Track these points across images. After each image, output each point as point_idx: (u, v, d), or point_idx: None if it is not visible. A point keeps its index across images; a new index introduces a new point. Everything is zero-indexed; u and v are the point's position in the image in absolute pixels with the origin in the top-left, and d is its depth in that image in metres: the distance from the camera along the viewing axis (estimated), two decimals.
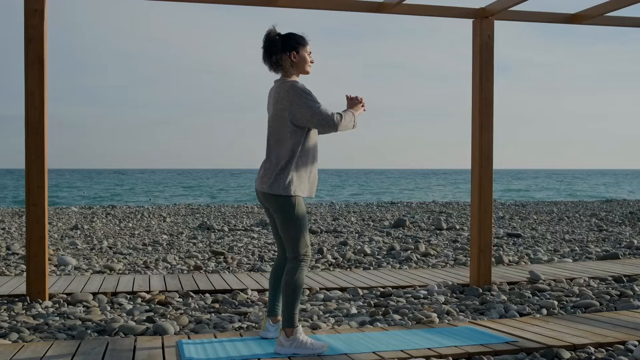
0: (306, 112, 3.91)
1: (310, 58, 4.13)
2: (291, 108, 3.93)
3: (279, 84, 4.05)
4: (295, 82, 4.00)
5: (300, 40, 4.09)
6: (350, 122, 4.06)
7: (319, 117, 3.91)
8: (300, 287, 3.97)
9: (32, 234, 5.91)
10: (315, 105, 3.92)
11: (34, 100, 5.89)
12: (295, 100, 3.92)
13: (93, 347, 4.18)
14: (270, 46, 4.03)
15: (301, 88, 3.97)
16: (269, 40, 4.04)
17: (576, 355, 3.97)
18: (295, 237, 3.99)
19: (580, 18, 6.97)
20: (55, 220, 16.73)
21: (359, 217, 18.35)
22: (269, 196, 3.99)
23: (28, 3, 5.88)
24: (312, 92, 3.99)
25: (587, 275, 7.42)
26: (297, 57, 4.06)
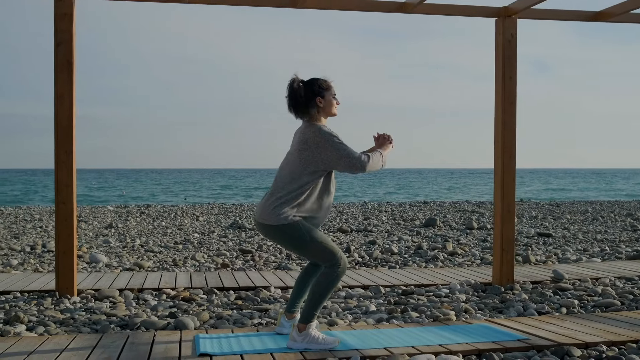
0: (333, 154, 3.95)
1: (335, 100, 4.17)
2: (318, 151, 3.96)
3: (306, 126, 4.08)
4: (322, 126, 4.05)
5: (324, 85, 4.13)
6: (378, 162, 4.08)
7: (347, 160, 3.95)
8: (329, 292, 4.01)
9: (61, 231, 6.09)
10: (342, 147, 3.96)
11: (63, 102, 6.07)
12: (322, 144, 3.96)
13: (113, 340, 4.32)
14: (295, 95, 4.07)
15: (328, 132, 4.01)
16: (293, 90, 4.08)
17: (587, 353, 3.97)
18: (319, 253, 4.00)
19: (605, 16, 6.92)
20: (91, 219, 17.10)
21: (391, 216, 18.36)
22: (269, 227, 3.99)
23: (58, 7, 6.06)
24: (338, 134, 4.03)
25: (614, 275, 7.36)
26: (323, 101, 4.11)
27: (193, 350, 4.03)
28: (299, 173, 4.01)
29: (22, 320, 5.11)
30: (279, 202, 3.98)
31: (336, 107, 4.19)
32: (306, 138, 4.02)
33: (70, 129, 6.09)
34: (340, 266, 4.01)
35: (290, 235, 3.98)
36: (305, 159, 4.00)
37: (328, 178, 4.11)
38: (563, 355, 3.92)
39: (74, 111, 6.12)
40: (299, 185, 4.00)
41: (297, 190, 4.00)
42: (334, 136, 4.00)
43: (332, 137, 3.99)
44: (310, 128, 4.05)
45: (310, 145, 3.99)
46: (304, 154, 4.01)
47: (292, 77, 4.11)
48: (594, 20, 7.00)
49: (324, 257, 4.01)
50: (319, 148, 3.97)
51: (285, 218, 3.95)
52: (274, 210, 3.98)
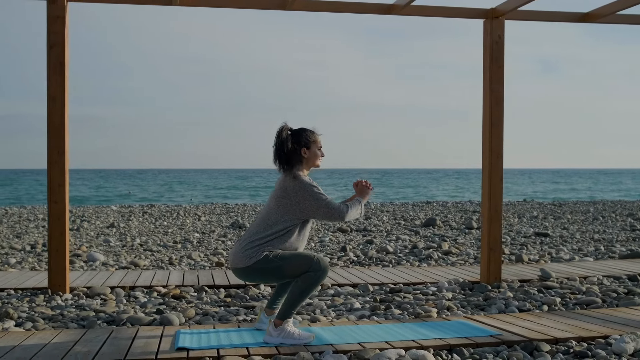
0: (312, 204, 4.06)
1: (320, 152, 4.29)
2: (296, 199, 4.07)
3: (286, 175, 4.18)
4: (302, 176, 4.16)
5: (311, 137, 4.25)
6: (357, 211, 4.19)
7: (325, 209, 4.06)
8: (309, 292, 4.11)
9: (54, 230, 6.21)
10: (321, 197, 4.07)
11: (55, 103, 6.19)
12: (300, 193, 4.07)
13: (97, 335, 4.43)
14: (282, 145, 4.17)
15: (308, 182, 4.12)
16: (280, 140, 4.18)
17: (555, 348, 4.05)
18: (296, 269, 4.08)
19: (593, 17, 6.98)
20: (94, 219, 17.26)
21: (392, 216, 18.44)
22: (243, 270, 4.10)
23: (50, 10, 6.18)
24: (318, 185, 4.15)
25: (602, 274, 7.42)
26: (308, 152, 4.22)
27: (172, 345, 4.13)
28: (275, 220, 4.12)
29: (12, 316, 5.23)
30: (250, 246, 4.09)
31: (320, 159, 4.31)
32: (286, 186, 4.13)
33: (63, 129, 6.20)
34: (319, 269, 4.10)
35: (263, 269, 4.08)
36: (283, 206, 4.11)
37: (304, 226, 4.21)
38: (532, 350, 4.01)
39: (66, 112, 6.24)
40: (273, 231, 4.10)
41: (270, 235, 4.10)
42: (313, 186, 4.11)
43: (311, 187, 4.10)
44: (290, 177, 4.15)
45: (289, 194, 4.10)
46: (282, 201, 4.12)
47: (281, 125, 4.23)
48: (582, 21, 7.06)
49: (303, 269, 4.09)
50: (297, 197, 4.08)
51: (255, 256, 4.05)
52: (244, 253, 4.09)
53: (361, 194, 4.35)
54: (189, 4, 6.35)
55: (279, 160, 4.20)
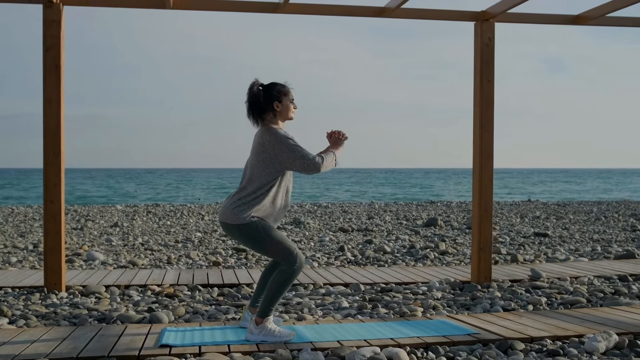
0: (289, 156, 4.16)
1: (293, 105, 4.39)
2: (273, 152, 4.17)
3: (263, 130, 4.28)
4: (278, 129, 4.26)
5: (282, 90, 4.35)
6: (331, 162, 4.29)
7: (301, 161, 4.16)
8: (285, 288, 4.22)
9: (49, 229, 6.34)
10: (297, 149, 4.17)
11: (51, 105, 6.32)
12: (277, 146, 4.17)
13: (85, 332, 4.55)
14: (254, 100, 4.28)
15: (284, 134, 4.22)
16: (252, 93, 4.29)
17: (529, 347, 4.14)
18: (275, 251, 4.21)
19: (583, 19, 7.05)
20: (98, 218, 17.43)
21: (394, 216, 18.52)
22: (230, 227, 4.23)
23: (46, 14, 6.31)
24: (293, 137, 4.24)
25: (594, 274, 7.48)
26: (281, 106, 4.32)
27: (156, 342, 4.24)
28: (257, 174, 4.22)
29: (6, 314, 5.36)
30: (239, 204, 4.20)
31: (293, 111, 4.40)
32: (263, 141, 4.23)
33: (59, 130, 6.33)
34: (296, 264, 4.21)
35: (249, 235, 4.19)
36: (262, 161, 4.21)
37: (284, 179, 4.31)
38: (506, 349, 4.10)
39: (62, 113, 6.37)
40: (258, 186, 4.20)
41: (255, 191, 4.20)
42: (289, 138, 4.21)
43: (287, 139, 4.19)
44: (267, 131, 4.25)
45: (266, 148, 4.20)
46: (261, 156, 4.22)
47: (252, 81, 4.32)
48: (572, 24, 7.13)
49: (281, 255, 4.21)
50: (274, 150, 4.18)
51: (244, 218, 4.16)
52: (233, 211, 4.19)
53: (335, 145, 4.45)
54: (181, 7, 6.46)
55: (252, 115, 4.30)
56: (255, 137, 4.38)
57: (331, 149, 4.42)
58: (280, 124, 4.36)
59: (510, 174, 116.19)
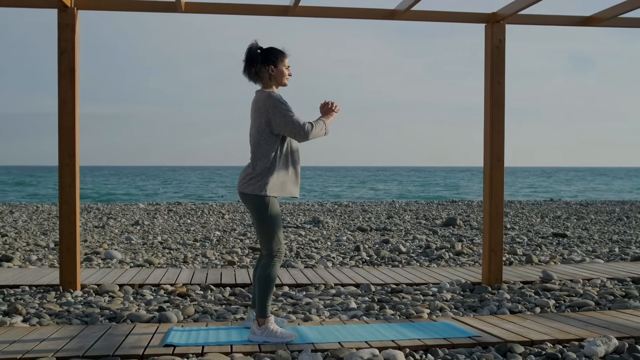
0: (280, 121, 4.26)
1: (288, 71, 4.47)
2: (267, 116, 4.28)
3: (258, 94, 4.41)
4: (271, 92, 4.36)
5: (279, 55, 4.43)
6: (321, 130, 4.39)
7: (292, 127, 4.25)
8: (272, 281, 4.32)
9: (64, 229, 6.48)
10: (289, 114, 4.26)
11: (66, 107, 6.45)
12: (270, 110, 4.27)
13: (94, 331, 4.66)
14: (251, 59, 4.39)
15: (277, 98, 4.31)
16: (250, 54, 4.40)
17: (529, 350, 4.16)
18: (268, 235, 4.34)
19: (595, 21, 7.02)
20: (120, 216, 17.65)
21: (414, 215, 18.51)
22: (245, 196, 4.37)
23: (61, 18, 6.44)
24: (287, 102, 4.33)
25: (607, 276, 7.45)
26: (275, 70, 4.41)
27: (162, 342, 4.33)
28: (260, 146, 4.33)
29: (21, 312, 5.50)
30: (253, 174, 4.32)
31: (287, 78, 4.48)
32: (259, 106, 4.34)
33: (73, 132, 6.46)
34: (277, 257, 4.35)
35: (256, 206, 4.32)
36: (259, 126, 4.32)
37: (286, 144, 4.39)
38: (506, 352, 4.12)
39: (76, 116, 6.50)
40: (263, 154, 4.31)
41: (264, 163, 4.30)
42: (282, 103, 4.30)
43: (280, 103, 4.29)
44: (262, 95, 4.36)
45: (262, 113, 4.31)
46: (257, 121, 4.34)
47: (251, 43, 4.43)
48: (584, 25, 7.10)
49: (269, 243, 4.35)
50: (268, 114, 4.28)
51: (259, 189, 4.29)
52: (250, 181, 4.33)
53: (326, 114, 4.53)
54: (192, 11, 6.55)
55: (248, 73, 4.41)
56: (252, 104, 4.47)
57: (322, 118, 4.50)
58: (275, 89, 4.46)
59: (535, 172, 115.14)
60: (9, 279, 7.08)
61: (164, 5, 6.54)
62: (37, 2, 6.43)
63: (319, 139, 4.44)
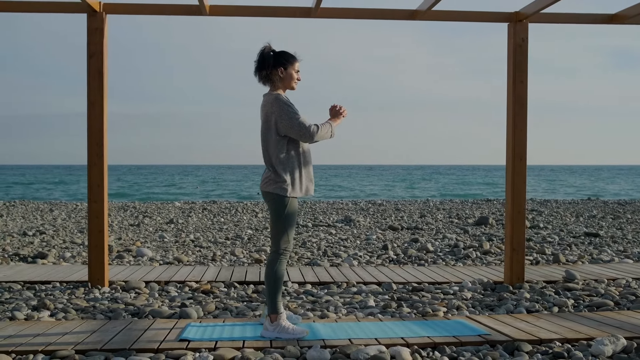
0: (287, 122, 4.38)
1: (297, 76, 4.59)
2: (275, 118, 4.40)
3: (266, 97, 4.53)
4: (279, 95, 4.48)
5: (290, 59, 4.56)
6: (327, 133, 4.50)
7: (297, 128, 4.37)
8: (280, 278, 4.44)
9: (92, 227, 6.68)
10: (295, 116, 4.38)
11: (95, 108, 6.65)
12: (277, 111, 4.39)
13: (114, 325, 4.82)
14: (263, 61, 4.52)
15: (284, 100, 4.43)
16: (262, 56, 4.53)
17: (536, 349, 4.19)
18: (280, 233, 4.47)
19: (620, 18, 6.96)
20: (155, 215, 17.97)
21: (447, 214, 18.45)
22: (267, 194, 4.51)
23: (90, 23, 6.64)
24: (293, 104, 4.45)
25: (633, 276, 7.39)
26: (285, 73, 4.53)
27: (177, 336, 4.47)
28: (269, 143, 4.46)
29: (49, 307, 5.71)
30: (272, 176, 4.46)
31: (296, 82, 4.60)
32: (267, 108, 4.48)
33: (102, 133, 6.66)
34: (283, 254, 4.49)
35: (276, 204, 4.46)
36: (268, 128, 4.45)
37: (296, 146, 4.50)
38: (513, 351, 4.15)
39: (105, 117, 6.69)
40: (275, 156, 4.44)
41: (277, 162, 4.43)
42: (288, 105, 4.42)
43: (287, 105, 4.41)
44: (269, 97, 4.49)
45: (269, 115, 4.44)
46: (267, 124, 4.46)
47: (264, 45, 4.55)
48: (609, 23, 7.04)
49: (278, 240, 4.49)
50: (275, 115, 4.41)
51: (281, 189, 4.42)
52: (270, 182, 4.47)
53: (333, 117, 4.64)
54: (217, 14, 6.69)
55: (259, 75, 4.54)
56: (261, 106, 4.58)
57: (329, 120, 4.61)
58: (282, 92, 4.57)
59: (576, 171, 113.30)
60: (41, 276, 7.33)
61: (189, 8, 6.69)
62: (67, 8, 6.63)
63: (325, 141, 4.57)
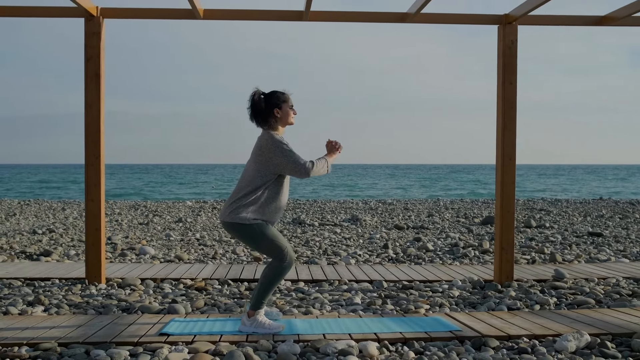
0: (282, 160, 4.50)
1: (292, 111, 4.73)
2: (269, 156, 4.52)
3: (262, 134, 4.64)
4: (274, 134, 4.60)
5: (282, 97, 4.69)
6: (322, 168, 4.62)
7: (293, 165, 4.49)
8: (275, 283, 4.56)
9: (90, 226, 6.87)
10: (290, 154, 4.50)
11: (92, 111, 6.84)
12: (272, 150, 4.51)
13: (101, 320, 5.00)
14: (256, 107, 4.65)
15: (279, 139, 4.56)
16: (254, 102, 4.66)
17: (502, 344, 4.30)
18: (270, 249, 4.55)
19: (610, 20, 7.02)
20: (165, 214, 18.21)
21: (455, 213, 18.50)
22: (229, 225, 4.57)
23: (88, 27, 6.83)
24: (288, 143, 4.58)
25: (624, 275, 7.45)
26: (280, 112, 4.67)
27: (159, 331, 4.63)
28: (253, 176, 4.56)
29: (43, 302, 5.90)
30: (237, 205, 4.54)
31: (293, 117, 4.73)
32: (261, 145, 4.58)
33: (99, 134, 6.84)
34: (286, 260, 4.53)
35: (245, 233, 4.54)
36: (259, 163, 4.56)
37: (280, 182, 4.61)
38: (480, 346, 4.27)
39: (102, 119, 6.87)
40: (254, 188, 4.54)
41: (252, 193, 4.54)
42: (283, 144, 4.53)
43: (282, 144, 4.52)
44: (265, 136, 4.60)
45: (264, 152, 4.54)
46: (258, 158, 4.56)
47: (253, 90, 4.67)
48: (598, 24, 7.11)
49: (272, 252, 4.54)
50: (270, 153, 4.51)
51: (243, 218, 4.50)
52: (233, 211, 4.55)
53: (329, 152, 4.77)
54: (210, 18, 6.85)
55: (255, 120, 4.66)
56: (255, 142, 4.71)
57: (326, 156, 4.73)
58: (281, 130, 4.70)
59: (595, 170, 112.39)
60: (41, 273, 7.54)
61: (183, 12, 6.85)
62: (65, 12, 6.82)
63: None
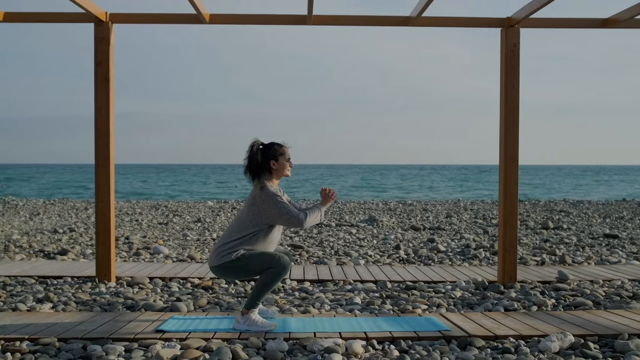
0: (275, 212, 4.66)
1: (288, 164, 4.88)
2: (262, 207, 4.67)
3: (256, 186, 4.79)
4: (268, 186, 4.75)
5: (279, 149, 4.85)
6: (316, 218, 4.77)
7: (286, 217, 4.65)
8: (271, 286, 4.69)
9: (100, 225, 7.06)
10: (283, 206, 4.65)
11: (102, 114, 7.03)
12: (266, 202, 4.67)
13: (104, 317, 5.16)
14: (252, 159, 4.80)
15: (273, 192, 4.71)
16: (251, 153, 4.81)
17: (488, 344, 4.37)
18: (262, 265, 4.67)
19: (613, 22, 7.04)
20: (185, 214, 18.45)
21: (473, 214, 18.48)
22: (217, 268, 4.74)
23: (97, 32, 7.02)
24: (283, 194, 4.76)
25: (630, 277, 7.46)
26: (277, 164, 4.83)
27: (156, 328, 4.78)
28: (245, 225, 4.74)
29: (52, 299, 6.09)
30: (223, 248, 4.73)
31: (289, 169, 4.89)
32: (254, 195, 4.75)
33: (108, 137, 7.03)
34: (279, 266, 4.66)
35: (233, 267, 4.70)
36: (252, 213, 4.73)
37: (270, 230, 4.78)
38: (466, 345, 4.35)
39: (111, 122, 7.07)
40: (243, 235, 4.71)
41: (240, 239, 4.71)
42: (277, 196, 4.69)
43: (276, 196, 4.68)
44: (259, 188, 4.75)
45: (257, 202, 4.71)
46: (251, 208, 4.74)
47: (253, 140, 4.84)
48: (602, 27, 7.12)
49: (266, 265, 4.67)
50: (263, 205, 4.68)
51: (228, 256, 4.67)
52: (218, 255, 4.73)
53: (323, 201, 4.88)
54: (216, 22, 7.00)
55: (249, 172, 4.80)
56: (250, 192, 4.88)
57: (319, 205, 4.88)
58: (275, 182, 4.87)
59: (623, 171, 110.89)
60: (55, 271, 7.75)
61: (190, 17, 7.01)
62: (75, 18, 7.01)
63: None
